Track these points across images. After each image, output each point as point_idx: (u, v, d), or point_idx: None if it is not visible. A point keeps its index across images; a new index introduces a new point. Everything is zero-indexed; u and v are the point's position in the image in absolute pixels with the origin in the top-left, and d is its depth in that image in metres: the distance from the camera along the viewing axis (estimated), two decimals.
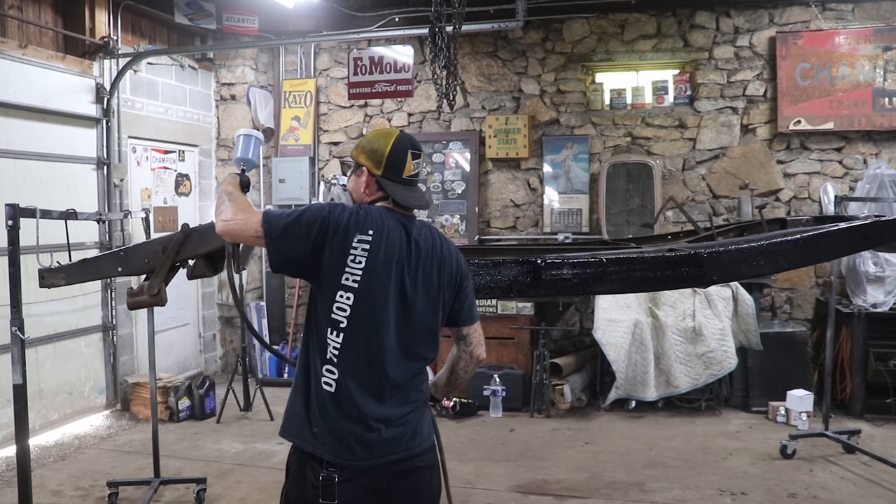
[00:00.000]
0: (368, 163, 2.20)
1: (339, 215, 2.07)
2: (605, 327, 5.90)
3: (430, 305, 2.14)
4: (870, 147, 6.46)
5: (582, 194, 6.92)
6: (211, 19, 6.63)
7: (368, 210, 2.13)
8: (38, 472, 4.74)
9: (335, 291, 2.04)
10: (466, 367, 2.34)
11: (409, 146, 2.21)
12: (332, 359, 2.04)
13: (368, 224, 2.07)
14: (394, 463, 2.06)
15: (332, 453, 2.02)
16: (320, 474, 2.02)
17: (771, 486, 4.50)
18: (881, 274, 5.86)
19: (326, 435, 2.03)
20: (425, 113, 7.37)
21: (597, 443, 5.40)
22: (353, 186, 2.26)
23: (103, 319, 6.19)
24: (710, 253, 2.75)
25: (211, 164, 7.65)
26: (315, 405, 2.05)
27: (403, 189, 2.19)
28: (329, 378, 2.04)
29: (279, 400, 6.51)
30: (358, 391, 2.04)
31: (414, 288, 2.11)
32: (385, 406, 2.07)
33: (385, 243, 2.07)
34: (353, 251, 2.04)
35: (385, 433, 2.05)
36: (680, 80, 6.90)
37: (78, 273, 3.18)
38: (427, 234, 2.20)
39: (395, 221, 2.14)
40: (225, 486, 4.59)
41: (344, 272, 2.04)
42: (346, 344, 2.04)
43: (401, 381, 2.11)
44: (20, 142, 5.42)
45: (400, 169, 2.18)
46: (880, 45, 6.28)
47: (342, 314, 2.04)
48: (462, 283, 2.24)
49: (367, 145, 2.23)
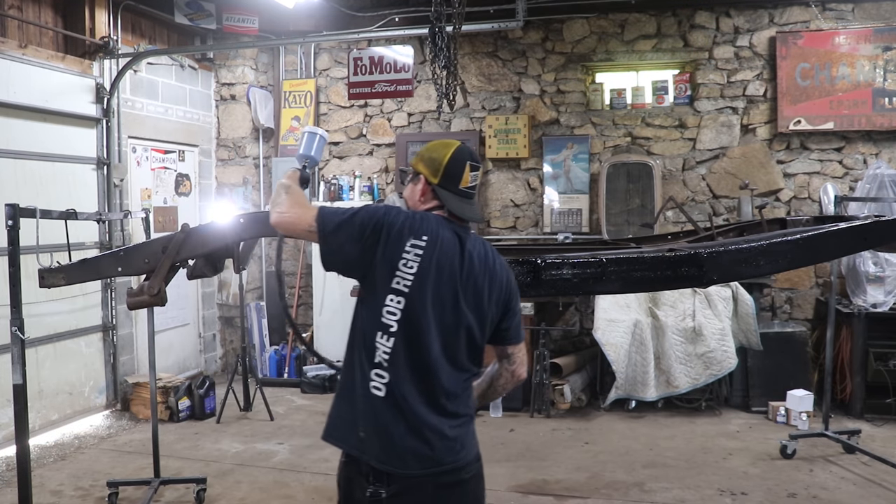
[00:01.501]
0: (426, 171, 2.19)
1: (393, 218, 2.06)
2: (605, 327, 5.90)
3: (478, 319, 2.11)
4: (870, 147, 6.46)
5: (582, 194, 6.92)
6: (211, 19, 6.63)
7: (424, 216, 2.11)
8: (38, 472, 4.74)
9: (386, 294, 2.02)
10: (505, 385, 2.32)
11: (468, 157, 2.20)
12: (383, 363, 2.01)
13: (423, 230, 2.06)
14: (441, 475, 2.03)
15: (379, 459, 1.99)
16: (367, 490, 2.00)
17: (771, 486, 4.50)
18: (881, 274, 5.86)
19: (374, 439, 2.00)
20: (425, 113, 7.37)
21: (597, 443, 5.40)
22: (408, 194, 2.25)
23: (103, 319, 6.19)
24: (710, 253, 2.75)
25: (211, 164, 7.66)
26: (362, 409, 2.02)
27: (459, 200, 2.17)
28: (378, 382, 2.01)
29: (279, 400, 6.52)
30: (412, 397, 2.01)
31: (465, 300, 2.08)
32: (437, 415, 2.04)
33: (438, 251, 2.05)
34: (405, 255, 2.02)
35: (436, 443, 2.02)
36: (680, 80, 6.90)
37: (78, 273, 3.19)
38: (481, 247, 2.17)
39: (450, 231, 2.11)
40: (225, 486, 4.59)
41: (395, 276, 2.02)
42: (397, 349, 2.01)
43: (452, 390, 2.08)
44: (20, 142, 5.42)
45: (457, 179, 2.17)
46: (880, 45, 6.28)
47: (392, 318, 2.01)
48: (511, 302, 2.20)
49: (426, 154, 2.22)
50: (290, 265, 7.70)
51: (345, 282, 7.05)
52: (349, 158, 7.57)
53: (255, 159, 7.69)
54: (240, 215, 2.90)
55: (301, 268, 7.54)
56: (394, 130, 7.45)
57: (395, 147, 7.40)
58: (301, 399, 6.68)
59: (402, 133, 7.41)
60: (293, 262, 7.66)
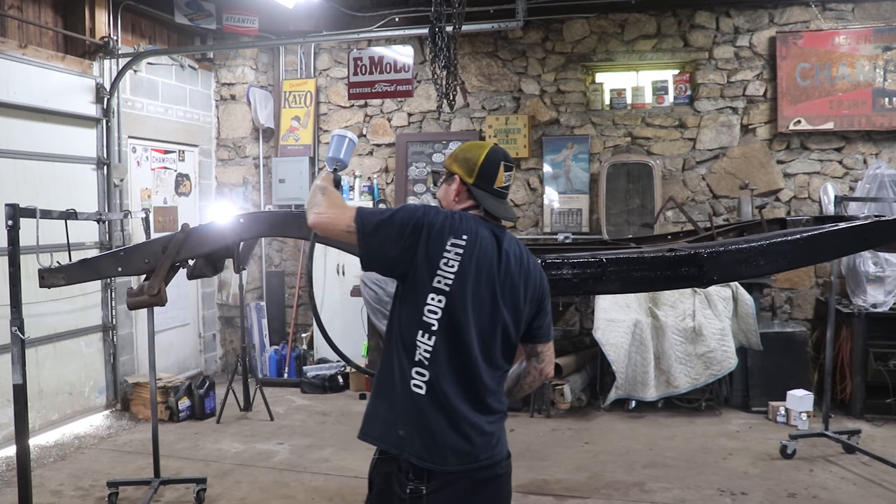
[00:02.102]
0: (461, 171, 2.22)
1: (433, 217, 2.08)
2: (605, 327, 5.90)
3: (514, 317, 2.14)
4: (870, 147, 6.46)
5: (582, 194, 6.92)
6: (211, 19, 6.63)
7: (463, 215, 2.15)
8: (38, 472, 4.74)
9: (427, 294, 2.05)
10: (532, 383, 2.35)
11: (502, 158, 2.24)
12: (423, 361, 2.03)
13: (463, 229, 2.08)
14: (477, 470, 2.06)
15: (419, 456, 2.01)
16: (407, 487, 2.02)
17: (771, 486, 4.50)
18: (881, 274, 5.86)
19: (415, 437, 2.03)
20: (425, 113, 7.37)
21: (597, 443, 5.40)
22: (442, 195, 2.28)
23: (103, 319, 6.19)
24: (710, 253, 2.76)
25: (211, 164, 7.66)
26: (402, 407, 2.04)
27: (493, 199, 2.21)
28: (419, 380, 2.03)
29: (279, 400, 6.52)
30: (452, 394, 2.03)
31: (502, 298, 2.11)
32: (476, 412, 2.07)
33: (478, 250, 2.08)
34: (446, 254, 2.05)
35: (475, 440, 2.05)
36: (680, 80, 6.89)
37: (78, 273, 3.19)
38: (516, 247, 2.20)
39: (487, 230, 2.14)
40: (225, 486, 4.59)
41: (436, 275, 2.04)
42: (438, 347, 2.03)
43: (490, 387, 2.11)
44: (20, 142, 5.42)
45: (492, 178, 2.21)
46: (880, 45, 6.27)
47: (433, 317, 2.04)
48: (543, 301, 2.24)
49: (460, 154, 2.26)
50: (290, 265, 7.70)
51: (345, 282, 7.06)
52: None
53: (255, 159, 7.70)
54: (240, 215, 2.91)
55: (301, 268, 7.54)
56: (394, 130, 7.45)
57: (395, 147, 7.40)
58: (301, 399, 6.68)
59: (402, 133, 7.41)
60: (293, 262, 7.66)
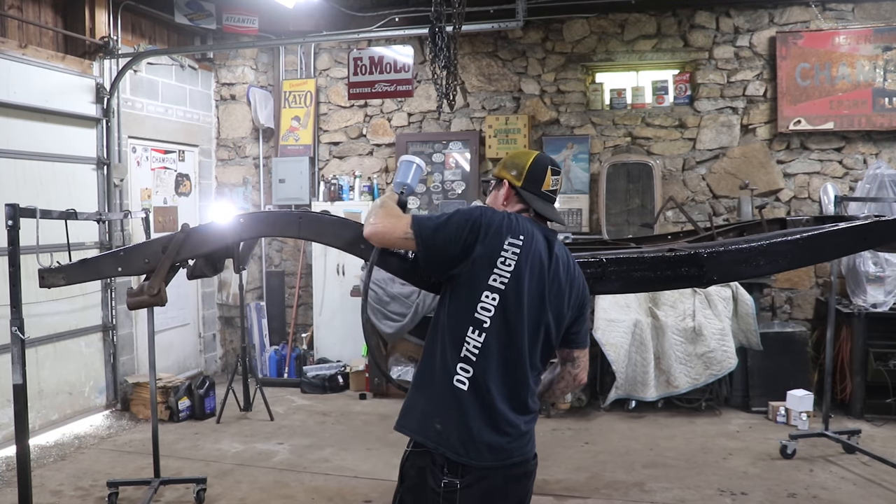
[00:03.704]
0: (509, 175, 2.29)
1: (490, 217, 2.13)
2: (605, 327, 5.90)
3: (556, 320, 2.18)
4: (870, 147, 6.46)
5: (582, 194, 6.92)
6: (211, 19, 6.63)
7: (519, 217, 2.19)
8: (38, 472, 4.75)
9: (481, 291, 2.07)
10: (565, 389, 2.38)
11: (549, 163, 2.32)
12: (470, 357, 2.05)
13: (520, 229, 2.13)
14: (510, 466, 2.09)
15: (456, 451, 2.03)
16: (442, 481, 2.03)
17: (771, 486, 4.50)
18: (881, 274, 5.86)
19: (452, 431, 2.04)
20: (425, 113, 7.37)
21: (597, 443, 5.40)
22: (492, 200, 2.35)
23: (103, 319, 6.20)
24: (710, 253, 2.76)
25: (211, 164, 7.66)
26: (441, 401, 2.06)
27: (542, 202, 2.27)
28: (463, 376, 2.05)
29: (279, 400, 6.52)
30: (496, 391, 2.05)
31: (549, 301, 2.15)
32: (515, 410, 2.10)
33: (533, 251, 2.12)
34: (504, 253, 2.08)
35: (512, 438, 2.08)
36: (680, 80, 6.89)
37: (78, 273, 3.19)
38: (564, 253, 2.25)
39: (541, 232, 2.20)
40: (225, 486, 4.59)
41: (493, 273, 2.07)
42: (487, 344, 2.06)
43: (531, 387, 2.15)
44: (20, 142, 5.42)
45: (540, 181, 2.27)
46: (880, 45, 6.27)
47: (486, 314, 2.06)
48: (584, 307, 2.29)
49: (508, 161, 2.34)
50: (290, 265, 7.70)
51: (345, 282, 7.07)
52: (349, 158, 7.57)
53: (255, 159, 7.70)
54: (240, 215, 2.91)
55: (301, 268, 7.54)
56: (394, 130, 7.45)
57: (395, 147, 7.40)
58: (301, 399, 6.68)
59: (402, 133, 7.41)
60: (293, 262, 7.66)
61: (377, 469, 4.82)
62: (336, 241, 2.58)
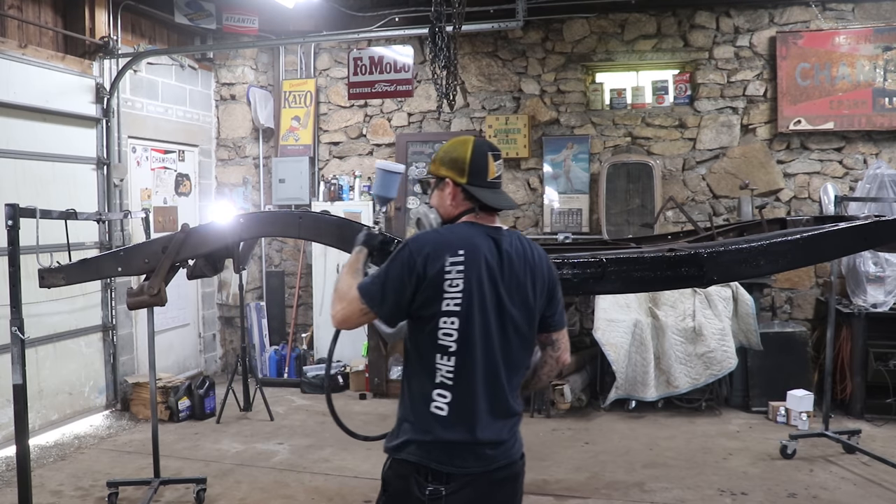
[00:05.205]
0: (450, 173, 2.17)
1: (421, 246, 2.05)
2: (605, 327, 5.90)
3: (525, 316, 2.13)
4: (870, 147, 6.46)
5: (582, 194, 6.92)
6: (211, 19, 6.63)
7: (452, 230, 2.13)
8: (38, 472, 4.74)
9: (438, 318, 2.03)
10: (550, 372, 2.34)
11: (488, 149, 2.19)
12: (446, 382, 2.04)
13: (457, 244, 2.05)
14: (495, 471, 2.07)
15: (439, 461, 2.03)
16: (427, 489, 2.02)
17: (771, 486, 4.50)
18: (881, 274, 5.86)
19: (436, 450, 2.04)
20: (425, 113, 7.36)
21: (597, 443, 5.40)
22: (437, 202, 2.23)
23: (103, 319, 6.19)
24: (710, 253, 2.76)
25: (211, 164, 7.66)
26: (423, 429, 2.05)
27: (491, 192, 2.16)
28: (441, 402, 2.04)
29: (279, 400, 6.52)
30: (476, 409, 2.04)
31: (511, 301, 2.10)
32: (499, 419, 2.09)
33: (477, 261, 2.05)
34: (447, 276, 2.02)
35: (497, 443, 2.08)
36: (680, 80, 6.89)
37: (78, 273, 3.20)
38: (517, 243, 2.16)
39: (483, 236, 2.11)
40: (225, 486, 4.59)
41: (444, 298, 2.02)
42: (459, 366, 2.04)
43: (512, 391, 2.13)
44: (20, 142, 5.42)
45: (483, 172, 2.16)
46: (880, 45, 6.27)
47: (449, 339, 2.03)
48: (554, 289, 2.23)
49: (445, 156, 2.20)
50: (290, 265, 7.70)
51: None
52: (349, 158, 7.56)
53: (255, 159, 7.69)
54: (240, 215, 2.91)
55: (301, 268, 7.54)
56: (394, 130, 7.45)
57: (395, 147, 7.39)
58: (301, 399, 6.68)
59: (402, 133, 7.41)
60: (293, 262, 7.66)
61: (377, 469, 4.76)
62: (336, 241, 2.59)
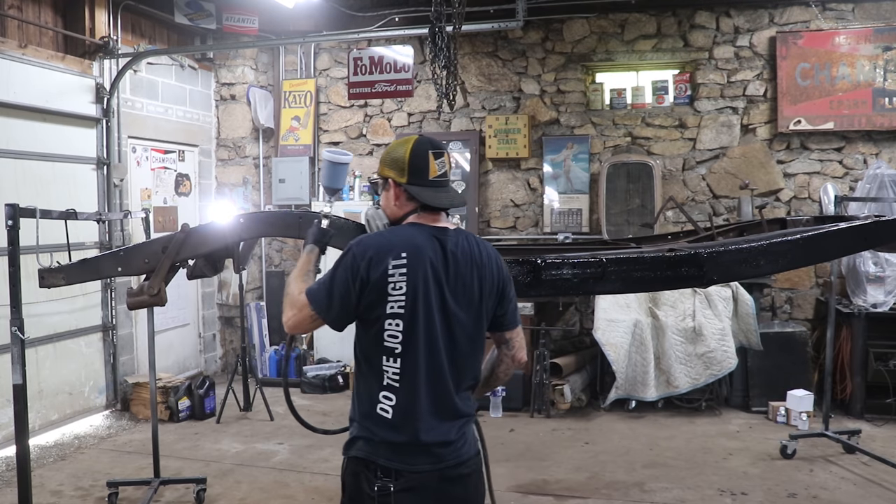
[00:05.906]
0: (392, 173, 2.17)
1: (363, 251, 2.05)
2: (605, 327, 5.90)
3: (473, 317, 2.13)
4: (870, 147, 6.46)
5: (582, 194, 6.92)
6: (211, 19, 6.63)
7: (395, 232, 2.13)
8: (37, 472, 4.74)
9: (383, 321, 2.04)
10: (507, 371, 2.34)
11: (428, 147, 2.17)
12: (392, 384, 2.05)
13: (399, 247, 2.05)
14: (445, 469, 2.08)
15: (387, 458, 2.04)
16: (375, 485, 2.03)
17: (771, 486, 4.50)
18: (881, 274, 5.86)
19: (384, 448, 2.06)
20: (425, 113, 7.36)
21: (597, 443, 5.40)
22: (384, 203, 2.24)
23: (103, 319, 6.19)
24: (710, 253, 2.75)
25: (211, 164, 7.65)
26: (372, 429, 2.07)
27: (432, 191, 2.15)
28: (386, 404, 2.05)
29: (279, 400, 6.49)
30: (421, 411, 2.05)
31: (456, 303, 2.09)
32: (445, 421, 2.09)
33: (421, 263, 2.04)
34: (390, 279, 2.02)
35: (444, 444, 2.08)
36: (680, 80, 6.89)
37: (78, 273, 3.19)
38: (464, 243, 2.15)
39: (426, 237, 2.10)
40: (225, 486, 4.59)
41: (388, 301, 2.02)
42: (405, 367, 2.04)
43: (460, 395, 2.13)
44: (20, 142, 5.42)
45: (424, 171, 2.14)
46: (880, 45, 6.27)
47: (395, 341, 2.04)
48: (505, 289, 2.21)
49: (387, 157, 2.20)
50: (289, 265, 7.69)
51: None
52: None
53: (255, 159, 7.69)
54: (240, 215, 2.91)
55: None
56: (394, 130, 7.45)
57: None
58: (301, 399, 6.67)
59: (401, 133, 7.40)
60: (293, 262, 7.66)
61: None
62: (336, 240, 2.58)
